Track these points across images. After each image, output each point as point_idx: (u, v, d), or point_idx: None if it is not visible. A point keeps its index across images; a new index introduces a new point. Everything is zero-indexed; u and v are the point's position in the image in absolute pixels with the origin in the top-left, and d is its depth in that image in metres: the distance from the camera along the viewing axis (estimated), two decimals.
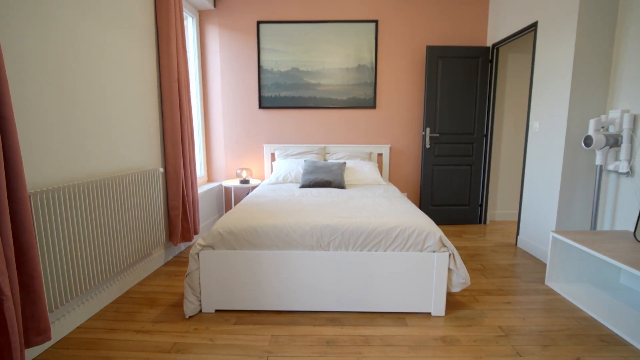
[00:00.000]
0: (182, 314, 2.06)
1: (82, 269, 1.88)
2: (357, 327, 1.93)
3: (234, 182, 3.86)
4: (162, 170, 2.71)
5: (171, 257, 2.99)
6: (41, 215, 1.61)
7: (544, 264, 2.83)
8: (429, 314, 2.06)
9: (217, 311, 2.09)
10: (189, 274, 2.01)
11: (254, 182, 3.89)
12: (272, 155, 4.13)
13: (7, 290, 1.30)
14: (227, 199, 4.20)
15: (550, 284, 2.44)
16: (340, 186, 3.30)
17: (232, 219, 2.14)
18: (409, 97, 4.02)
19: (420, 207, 4.00)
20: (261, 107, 4.03)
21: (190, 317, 2.03)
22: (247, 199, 2.75)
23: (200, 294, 2.05)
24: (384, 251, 2.02)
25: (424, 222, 2.08)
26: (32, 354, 1.66)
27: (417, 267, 2.00)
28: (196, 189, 3.11)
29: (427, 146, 3.88)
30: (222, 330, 1.90)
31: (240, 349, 1.74)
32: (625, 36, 2.45)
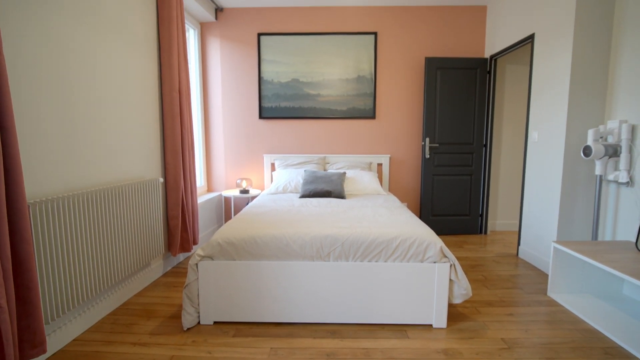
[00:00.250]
0: (180, 326, 2.03)
1: (80, 280, 1.86)
2: (358, 340, 1.90)
3: (234, 192, 3.86)
4: (162, 180, 2.71)
5: (170, 268, 2.96)
6: (39, 225, 1.60)
7: (545, 275, 2.80)
8: (431, 325, 2.03)
9: (215, 323, 2.06)
10: (187, 285, 1.99)
11: (253, 192, 3.88)
12: (272, 165, 4.13)
13: (2, 301, 1.28)
14: (227, 209, 4.19)
15: (552, 295, 2.41)
16: (340, 196, 3.29)
17: (231, 229, 2.13)
18: (408, 107, 4.05)
19: (420, 217, 3.99)
20: (261, 117, 4.05)
21: (188, 329, 2.00)
22: (246, 209, 2.75)
23: (198, 305, 2.02)
24: (385, 262, 2.00)
25: (424, 232, 2.07)
26: None
27: (418, 278, 1.99)
28: (196, 198, 3.11)
29: (427, 156, 3.89)
30: (220, 342, 1.87)
31: None
32: (621, 47, 2.48)
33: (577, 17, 2.56)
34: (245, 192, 3.80)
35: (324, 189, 3.31)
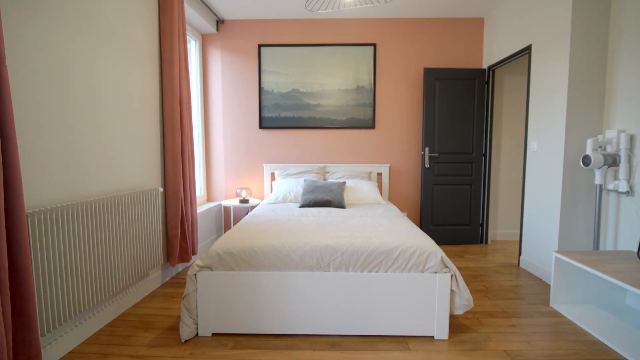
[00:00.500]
0: (177, 338, 2.00)
1: (77, 291, 1.84)
2: (358, 352, 1.87)
3: (234, 202, 3.85)
4: (161, 189, 2.70)
5: (168, 279, 2.93)
6: (37, 235, 1.59)
7: (547, 285, 2.78)
8: (432, 337, 2.00)
9: (214, 335, 2.03)
10: (186, 295, 1.97)
11: (253, 201, 3.88)
12: (272, 174, 4.13)
13: None
14: (227, 219, 4.17)
15: (555, 305, 2.38)
16: (340, 206, 3.28)
17: (230, 239, 2.12)
18: (407, 117, 4.07)
19: (420, 227, 3.97)
20: (261, 127, 4.07)
21: (186, 340, 1.97)
22: (246, 219, 2.74)
23: (197, 316, 2.00)
24: (385, 272, 1.98)
25: (425, 242, 2.06)
26: None
27: (419, 288, 1.97)
28: (195, 208, 3.10)
29: (427, 165, 3.89)
30: (218, 355, 1.84)
31: None
32: (617, 57, 2.51)
33: (574, 28, 2.59)
34: (245, 201, 3.79)
35: (324, 198, 3.31)
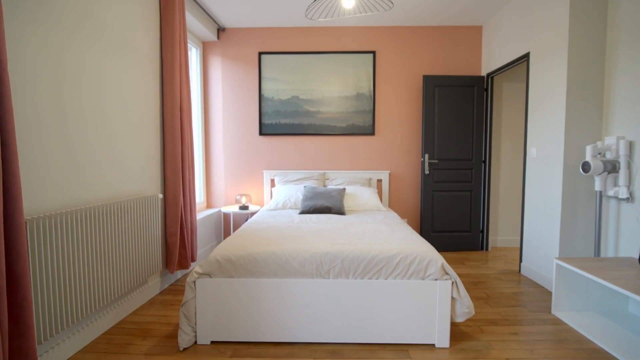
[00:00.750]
0: (176, 346, 1.98)
1: (75, 298, 1.83)
2: None
3: (233, 208, 3.84)
4: (161, 196, 2.70)
5: (167, 286, 2.91)
6: (36, 242, 1.59)
7: (549, 292, 2.76)
8: (433, 345, 1.98)
9: (212, 343, 2.01)
10: (184, 303, 1.95)
11: (253, 208, 3.87)
12: (272, 181, 4.13)
13: None
14: (226, 225, 4.16)
15: (557, 313, 2.36)
16: (340, 212, 3.28)
17: (230, 245, 2.11)
18: (407, 124, 4.09)
19: (421, 234, 3.96)
20: (262, 134, 4.08)
21: (184, 349, 1.95)
22: (246, 226, 2.73)
23: (195, 324, 1.98)
24: (385, 279, 1.97)
25: (425, 249, 2.05)
26: None
27: (420, 296, 1.95)
28: (195, 215, 3.09)
29: (427, 172, 3.89)
30: None
31: None
32: (615, 63, 2.52)
33: (571, 35, 2.62)
34: (244, 208, 3.79)
35: (324, 205, 3.30)
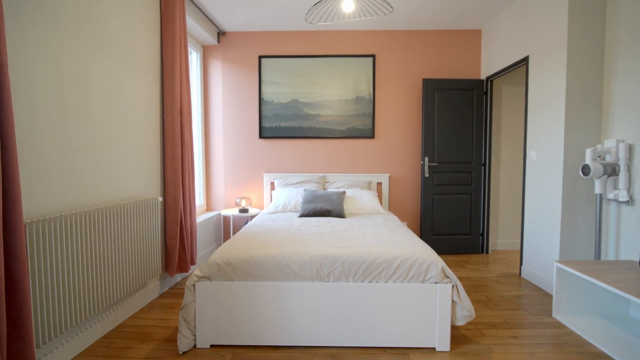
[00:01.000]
0: (175, 350, 1.97)
1: (74, 302, 1.82)
2: None
3: (233, 211, 3.84)
4: (160, 199, 2.70)
5: (166, 289, 2.90)
6: (35, 245, 1.58)
7: (549, 295, 2.75)
8: (434, 349, 1.97)
9: (212, 346, 2.00)
10: (184, 306, 1.94)
11: (253, 211, 3.87)
12: (272, 184, 4.13)
13: None
14: (226, 228, 4.15)
15: (557, 316, 2.36)
16: (339, 215, 3.27)
17: (230, 249, 2.11)
18: (407, 127, 4.09)
19: (421, 237, 3.95)
20: (261, 137, 4.09)
21: (183, 352, 1.94)
22: (245, 229, 2.72)
23: (195, 328, 1.97)
24: (385, 282, 1.96)
25: (425, 252, 2.04)
26: None
27: (420, 299, 1.94)
28: (194, 218, 3.09)
29: (426, 175, 3.90)
30: None
31: None
32: (614, 66, 2.53)
33: (570, 38, 2.63)
34: (244, 211, 3.78)
35: (324, 208, 3.30)
